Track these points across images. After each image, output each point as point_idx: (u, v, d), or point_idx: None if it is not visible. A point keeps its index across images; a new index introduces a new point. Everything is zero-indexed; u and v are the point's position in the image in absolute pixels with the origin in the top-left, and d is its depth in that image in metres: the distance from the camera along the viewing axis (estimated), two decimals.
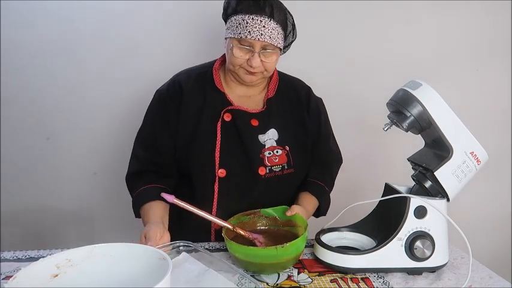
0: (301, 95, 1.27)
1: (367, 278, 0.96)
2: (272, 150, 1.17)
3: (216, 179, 1.14)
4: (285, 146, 1.18)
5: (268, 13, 1.08)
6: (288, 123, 1.21)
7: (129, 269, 0.74)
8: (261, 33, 1.07)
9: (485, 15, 1.89)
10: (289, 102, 1.24)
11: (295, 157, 1.18)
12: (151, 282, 0.62)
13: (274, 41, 1.09)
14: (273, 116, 1.20)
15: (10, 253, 1.06)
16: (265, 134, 1.17)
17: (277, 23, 1.10)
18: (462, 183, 0.99)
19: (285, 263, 0.97)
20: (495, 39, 1.93)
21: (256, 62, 1.10)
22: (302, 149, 1.22)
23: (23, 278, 0.65)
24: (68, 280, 0.71)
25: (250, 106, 1.20)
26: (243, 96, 1.22)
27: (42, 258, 0.70)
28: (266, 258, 0.93)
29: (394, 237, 0.96)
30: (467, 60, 1.93)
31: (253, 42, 1.09)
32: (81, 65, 1.70)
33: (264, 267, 0.96)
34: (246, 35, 1.07)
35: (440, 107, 0.96)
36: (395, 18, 1.85)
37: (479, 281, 0.95)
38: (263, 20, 1.07)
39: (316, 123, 1.27)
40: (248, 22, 1.07)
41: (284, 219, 1.11)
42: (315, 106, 1.27)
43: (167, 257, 0.70)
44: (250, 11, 1.08)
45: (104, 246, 0.76)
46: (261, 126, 1.18)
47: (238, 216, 1.10)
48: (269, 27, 1.08)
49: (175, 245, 0.99)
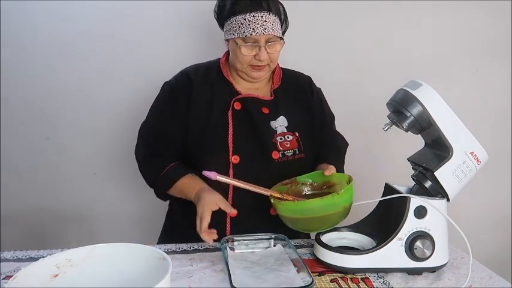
0: (304, 84, 1.33)
1: (367, 278, 0.96)
2: (283, 135, 1.21)
3: (230, 165, 1.16)
4: (295, 132, 1.22)
5: (266, 7, 1.13)
6: (295, 111, 1.26)
7: (129, 269, 0.74)
8: (265, 28, 1.12)
9: (485, 16, 1.90)
10: (293, 91, 1.30)
11: (304, 142, 1.23)
12: (151, 282, 0.62)
13: (277, 31, 1.15)
14: (281, 105, 1.25)
15: (10, 253, 1.06)
16: (276, 120, 1.22)
17: (275, 15, 1.15)
18: (462, 183, 0.99)
19: (340, 213, 1.00)
20: (495, 39, 1.93)
21: (264, 55, 1.15)
22: (310, 135, 1.26)
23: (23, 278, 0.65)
24: (68, 280, 0.71)
25: (259, 95, 1.24)
26: (251, 88, 1.26)
27: (42, 258, 0.71)
28: (324, 208, 0.97)
29: (394, 237, 0.96)
30: (468, 60, 1.93)
31: (258, 38, 1.13)
32: (81, 65, 1.70)
33: (318, 221, 0.99)
34: (250, 32, 1.11)
35: (440, 107, 0.96)
36: (396, 18, 1.85)
37: (479, 281, 0.95)
38: (263, 15, 1.12)
39: (320, 110, 1.33)
40: (250, 20, 1.12)
41: (320, 183, 1.16)
42: (316, 95, 1.33)
43: (167, 257, 0.70)
44: (249, 9, 1.12)
45: (104, 246, 0.76)
46: (271, 114, 1.22)
47: (277, 187, 1.12)
48: (270, 20, 1.13)
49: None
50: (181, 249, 1.10)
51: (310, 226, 1.04)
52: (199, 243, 1.13)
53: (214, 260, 1.03)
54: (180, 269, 0.97)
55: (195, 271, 0.97)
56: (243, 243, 1.07)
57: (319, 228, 1.04)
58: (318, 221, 1.00)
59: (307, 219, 0.99)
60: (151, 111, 1.27)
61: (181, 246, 1.12)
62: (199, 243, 1.13)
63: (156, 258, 0.72)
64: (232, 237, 1.07)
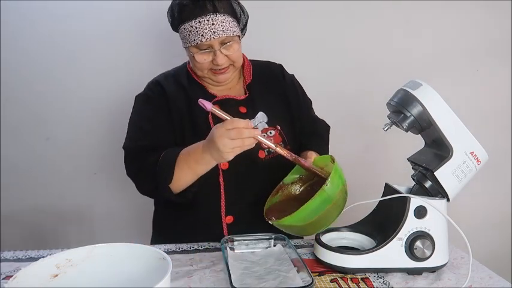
0: (275, 72, 1.30)
1: (367, 278, 0.96)
2: (265, 132, 1.18)
3: (219, 171, 1.14)
4: (276, 125, 1.20)
5: (212, 9, 1.07)
6: (272, 103, 1.23)
7: (129, 269, 0.74)
8: (214, 32, 1.06)
9: (486, 15, 1.90)
10: (267, 82, 1.27)
11: (287, 133, 1.20)
12: (151, 282, 0.62)
13: (229, 32, 1.09)
14: (257, 100, 1.22)
15: (10, 253, 1.06)
16: (255, 118, 1.19)
17: (224, 14, 1.08)
18: (462, 183, 0.99)
19: (338, 202, 0.94)
20: (495, 39, 1.93)
21: (221, 59, 1.10)
22: (291, 124, 1.24)
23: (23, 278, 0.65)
24: (68, 280, 0.71)
25: (235, 95, 1.21)
26: (224, 89, 1.23)
27: (42, 258, 0.71)
28: (322, 204, 0.91)
29: (394, 237, 0.96)
30: (468, 60, 1.93)
31: (210, 43, 1.08)
32: (81, 65, 1.70)
33: (324, 217, 0.94)
34: (200, 39, 1.07)
35: (440, 107, 0.96)
36: (396, 18, 1.85)
37: (479, 281, 0.95)
38: (210, 18, 1.06)
39: (296, 96, 1.29)
40: (197, 27, 1.06)
41: (308, 173, 1.10)
42: (290, 81, 1.30)
43: (167, 257, 0.70)
44: (194, 15, 1.07)
45: (104, 246, 0.76)
46: (249, 112, 1.19)
47: (269, 200, 1.08)
48: (218, 22, 1.07)
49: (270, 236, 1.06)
50: (181, 249, 1.10)
51: (320, 224, 0.98)
52: (199, 243, 1.13)
53: (214, 260, 1.03)
54: (180, 269, 0.97)
55: (195, 271, 0.97)
56: (243, 243, 1.07)
57: (332, 218, 0.98)
58: (325, 217, 0.96)
59: (314, 222, 0.95)
60: (132, 125, 1.20)
61: (181, 246, 1.12)
62: (199, 243, 1.13)
63: (156, 258, 0.72)
64: (232, 237, 1.07)
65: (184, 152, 1.06)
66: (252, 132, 0.93)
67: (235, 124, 0.92)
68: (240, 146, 0.94)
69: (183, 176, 1.06)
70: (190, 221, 1.19)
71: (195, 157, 1.03)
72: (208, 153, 0.99)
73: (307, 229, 0.99)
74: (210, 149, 0.98)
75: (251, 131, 0.93)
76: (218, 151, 0.95)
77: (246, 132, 0.92)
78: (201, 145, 1.01)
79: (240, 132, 0.92)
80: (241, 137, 0.92)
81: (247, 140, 0.93)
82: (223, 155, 0.95)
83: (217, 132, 0.94)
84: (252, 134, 0.93)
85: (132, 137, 1.18)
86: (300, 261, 0.95)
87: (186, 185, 1.08)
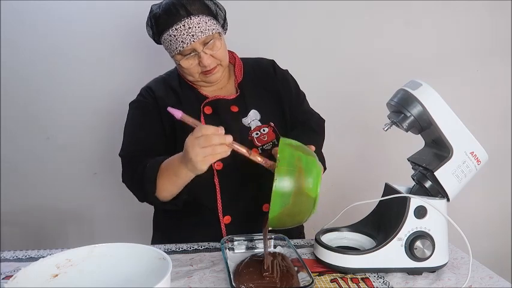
0: (266, 68, 1.28)
1: (367, 278, 0.96)
2: (258, 130, 1.17)
3: (214, 172, 1.14)
4: (269, 122, 1.19)
5: (185, 13, 1.07)
6: (264, 100, 1.22)
7: (129, 269, 0.74)
8: (192, 35, 1.06)
9: (486, 15, 1.90)
10: (258, 79, 1.25)
11: (281, 130, 1.19)
12: (151, 282, 0.62)
13: (207, 31, 1.08)
14: (249, 98, 1.21)
15: (10, 253, 1.06)
16: (247, 116, 1.18)
17: (198, 15, 1.08)
18: (462, 183, 0.99)
19: (300, 190, 0.84)
20: (495, 39, 1.93)
21: (206, 60, 1.10)
22: (284, 120, 1.23)
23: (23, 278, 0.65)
24: (68, 280, 0.71)
25: (225, 95, 1.21)
26: (215, 90, 1.23)
27: (42, 258, 0.71)
28: (283, 200, 0.82)
29: (394, 237, 0.96)
30: (468, 60, 1.94)
31: (192, 47, 1.08)
32: (81, 65, 1.70)
33: (301, 199, 0.84)
34: (181, 45, 1.07)
35: (440, 107, 0.96)
36: (395, 18, 1.85)
37: (479, 281, 0.95)
38: (185, 23, 1.06)
39: (288, 90, 1.27)
40: (175, 34, 1.07)
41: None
42: (282, 76, 1.28)
43: (167, 257, 0.70)
44: (169, 24, 1.07)
45: (104, 246, 0.76)
46: (241, 111, 1.18)
47: None
48: (193, 24, 1.06)
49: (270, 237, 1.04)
50: (181, 249, 1.10)
51: (302, 206, 0.86)
52: (199, 243, 1.13)
53: (214, 260, 1.03)
54: (180, 269, 0.97)
55: (195, 271, 0.97)
56: (243, 243, 1.07)
57: (314, 192, 0.86)
58: (302, 199, 0.84)
59: (291, 207, 0.85)
60: (128, 135, 1.20)
61: (181, 246, 1.12)
62: (199, 243, 1.13)
63: (156, 258, 0.72)
64: (232, 237, 1.07)
65: (163, 166, 1.04)
66: (222, 139, 0.88)
67: (203, 131, 0.88)
68: (211, 154, 0.89)
69: (166, 187, 1.05)
70: (190, 221, 1.19)
71: (173, 170, 1.01)
72: (184, 165, 0.96)
73: (295, 217, 0.88)
74: (185, 161, 0.94)
75: (221, 137, 0.88)
76: (191, 161, 0.91)
77: (216, 139, 0.87)
78: (177, 157, 0.99)
79: (209, 139, 0.87)
80: (210, 144, 0.87)
81: (218, 148, 0.88)
82: (197, 165, 0.91)
83: (188, 142, 0.91)
84: (221, 140, 0.88)
85: (125, 144, 1.19)
86: (300, 261, 0.95)
87: (173, 195, 1.07)
